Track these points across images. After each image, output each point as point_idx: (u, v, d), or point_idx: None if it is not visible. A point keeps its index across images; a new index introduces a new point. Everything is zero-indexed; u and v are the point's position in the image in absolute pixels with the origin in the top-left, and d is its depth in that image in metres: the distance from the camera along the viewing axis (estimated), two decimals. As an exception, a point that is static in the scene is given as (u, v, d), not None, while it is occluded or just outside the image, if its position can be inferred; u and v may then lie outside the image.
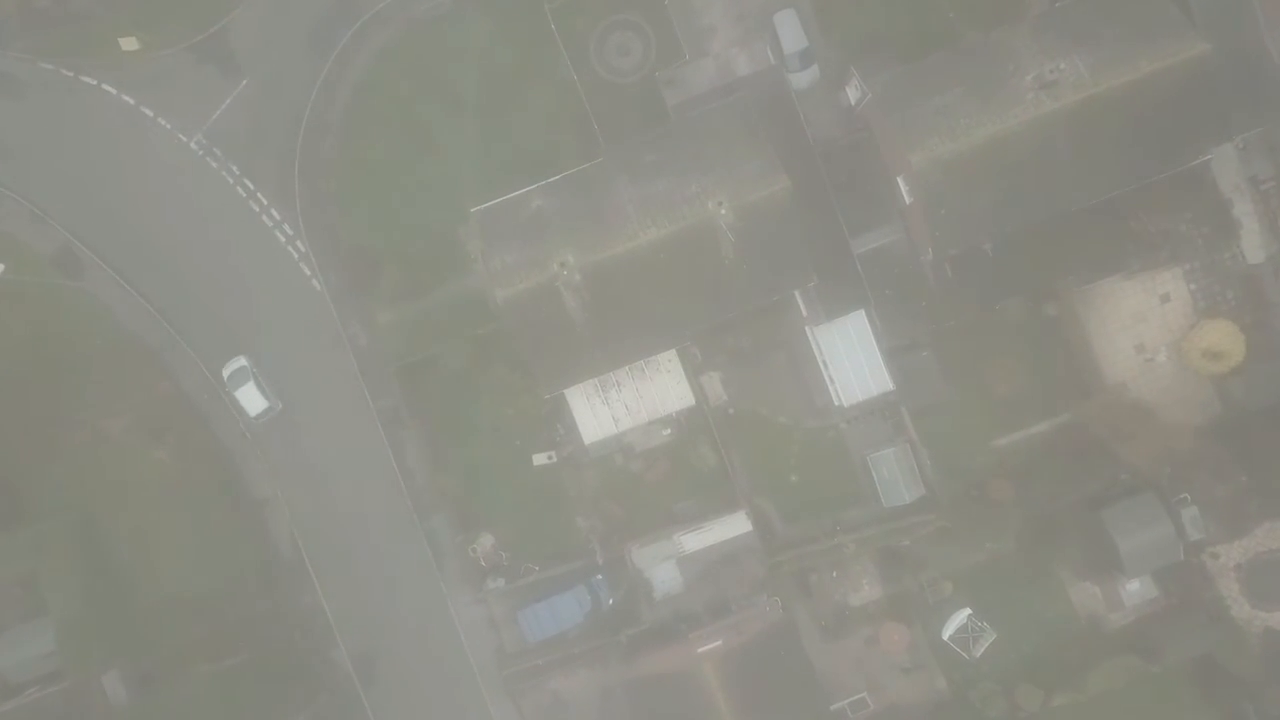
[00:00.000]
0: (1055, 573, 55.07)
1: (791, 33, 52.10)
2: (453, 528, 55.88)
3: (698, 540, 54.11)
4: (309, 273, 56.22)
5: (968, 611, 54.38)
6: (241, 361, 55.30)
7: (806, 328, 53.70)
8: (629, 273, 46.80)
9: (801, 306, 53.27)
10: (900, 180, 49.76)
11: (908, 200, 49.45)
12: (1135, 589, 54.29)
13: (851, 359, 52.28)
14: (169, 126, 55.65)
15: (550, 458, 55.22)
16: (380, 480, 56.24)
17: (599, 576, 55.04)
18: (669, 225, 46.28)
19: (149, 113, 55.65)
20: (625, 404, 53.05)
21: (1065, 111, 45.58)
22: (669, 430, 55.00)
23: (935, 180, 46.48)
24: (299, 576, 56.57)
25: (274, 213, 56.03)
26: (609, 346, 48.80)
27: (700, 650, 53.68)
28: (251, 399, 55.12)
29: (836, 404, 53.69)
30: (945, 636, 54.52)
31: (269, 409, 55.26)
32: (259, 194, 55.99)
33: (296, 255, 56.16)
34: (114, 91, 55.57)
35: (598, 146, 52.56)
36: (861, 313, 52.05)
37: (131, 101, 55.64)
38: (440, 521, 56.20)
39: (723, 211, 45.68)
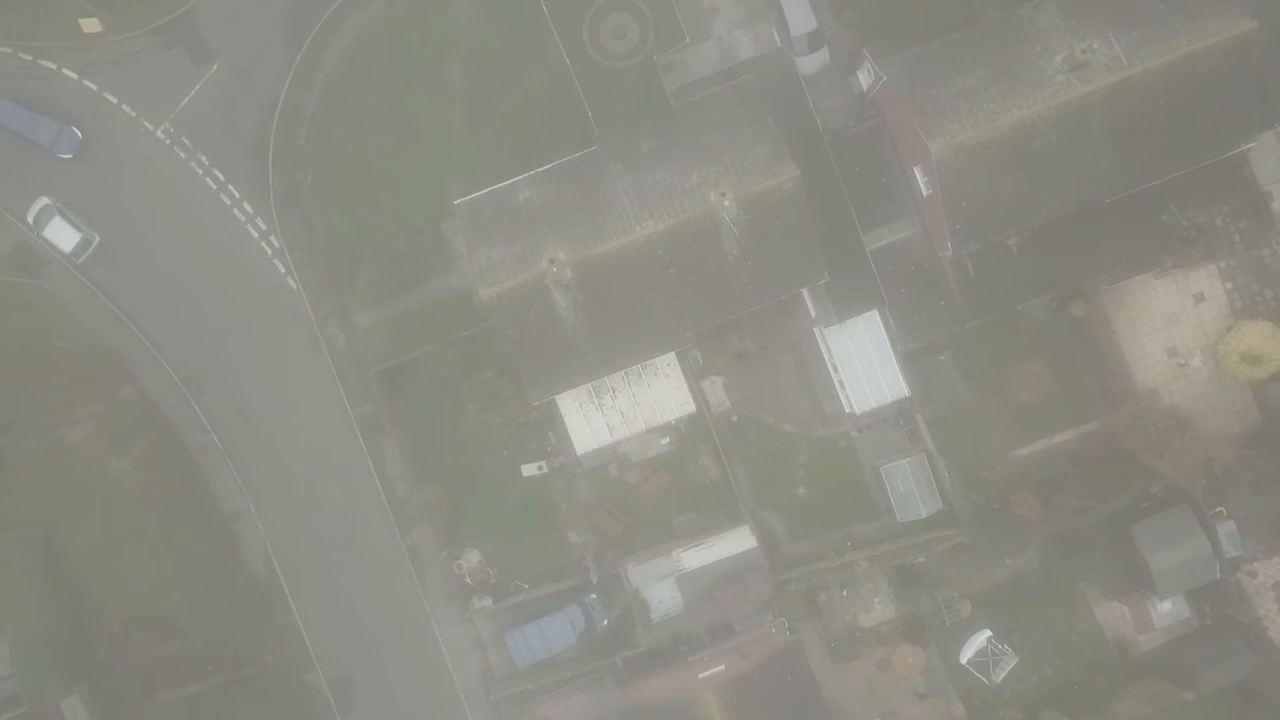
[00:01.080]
0: (1081, 592, 52.03)
1: (799, 13, 48.66)
2: (437, 543, 52.58)
3: (698, 557, 50.73)
4: (283, 270, 52.84)
5: (987, 633, 51.28)
6: (44, 200, 51.44)
7: (815, 329, 50.29)
8: (624, 270, 43.29)
9: (810, 306, 49.80)
10: (917, 171, 46.29)
11: (925, 192, 45.97)
12: (1167, 609, 51.06)
13: (864, 363, 48.85)
14: (134, 114, 52.12)
15: (540, 468, 51.85)
16: (359, 492, 52.95)
17: (593, 596, 51.70)
18: (667, 218, 42.76)
19: (112, 99, 52.13)
20: (621, 411, 49.52)
21: (1097, 95, 42.03)
22: (668, 439, 51.59)
23: (956, 170, 42.94)
24: (273, 594, 53.29)
25: (246, 206, 52.59)
26: (603, 349, 45.31)
27: (701, 676, 50.34)
28: (62, 235, 51.30)
29: (847, 411, 50.34)
30: (963, 660, 51.38)
31: (84, 241, 51.44)
32: (230, 186, 52.52)
33: (270, 251, 52.82)
34: (75, 77, 52.04)
35: (592, 135, 49.07)
36: (875, 313, 48.62)
37: (94, 87, 52.12)
38: (423, 536, 52.91)
39: (726, 203, 42.14)
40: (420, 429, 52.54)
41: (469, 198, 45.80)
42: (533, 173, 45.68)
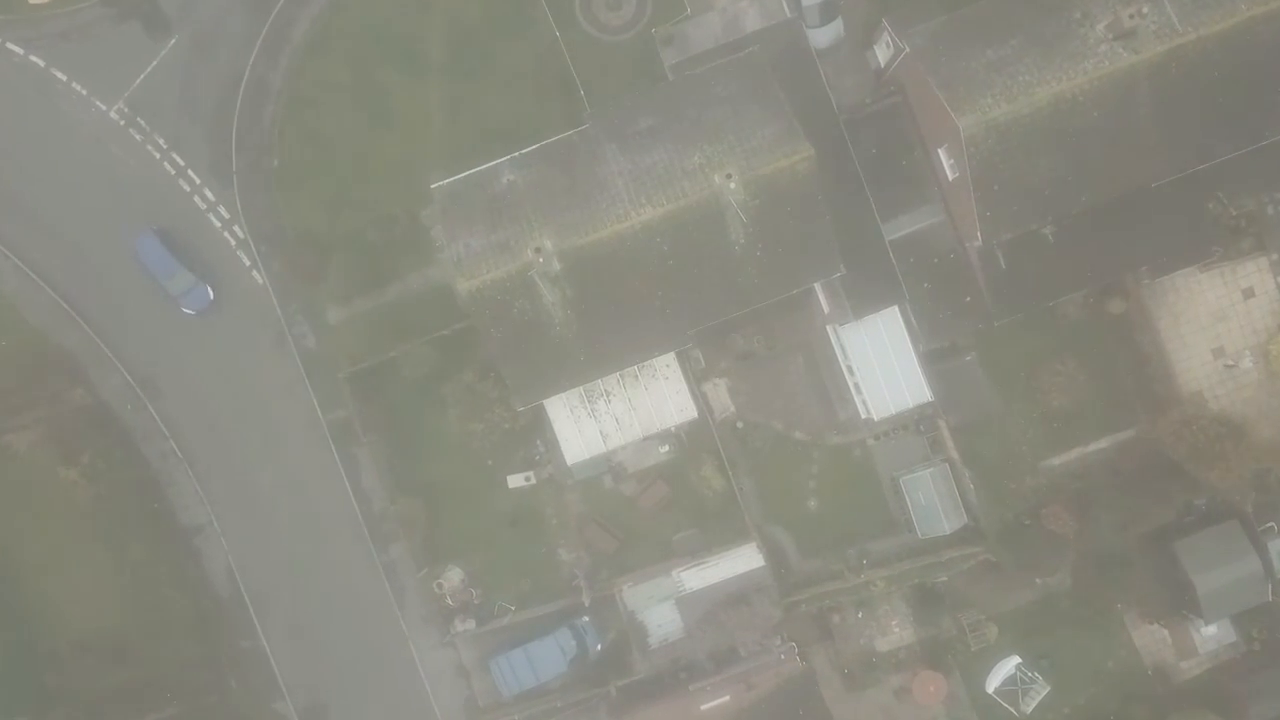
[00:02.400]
0: (1118, 615, 47.83)
1: (810, -19, 44.40)
2: (415, 560, 48.25)
3: (700, 577, 46.54)
4: (248, 262, 48.65)
5: (1016, 660, 47.20)
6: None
7: (829, 327, 46.02)
8: (618, 261, 38.98)
9: (823, 302, 45.49)
10: (942, 152, 42.02)
11: (951, 176, 41.70)
12: (1212, 634, 47.04)
13: (883, 364, 44.54)
14: (85, 92, 47.91)
15: (528, 479, 47.57)
16: (331, 505, 48.75)
17: (585, 619, 47.45)
18: (666, 203, 38.42)
19: (61, 76, 47.91)
20: (615, 417, 45.18)
21: (1145, 65, 37.70)
22: (667, 448, 47.33)
23: (987, 150, 38.63)
24: (237, 615, 49.13)
25: (208, 193, 48.37)
26: (595, 349, 40.98)
27: (704, 707, 46.05)
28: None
29: (864, 417, 46.07)
30: (989, 689, 47.26)
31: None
32: (190, 171, 48.30)
33: (234, 242, 48.63)
34: (20, 51, 47.81)
35: (583, 114, 44.76)
36: (895, 310, 44.30)
37: (41, 63, 47.90)
38: (400, 553, 48.66)
39: (732, 186, 37.80)
40: (397, 436, 48.37)
41: (446, 181, 41.47)
42: (517, 154, 41.31)
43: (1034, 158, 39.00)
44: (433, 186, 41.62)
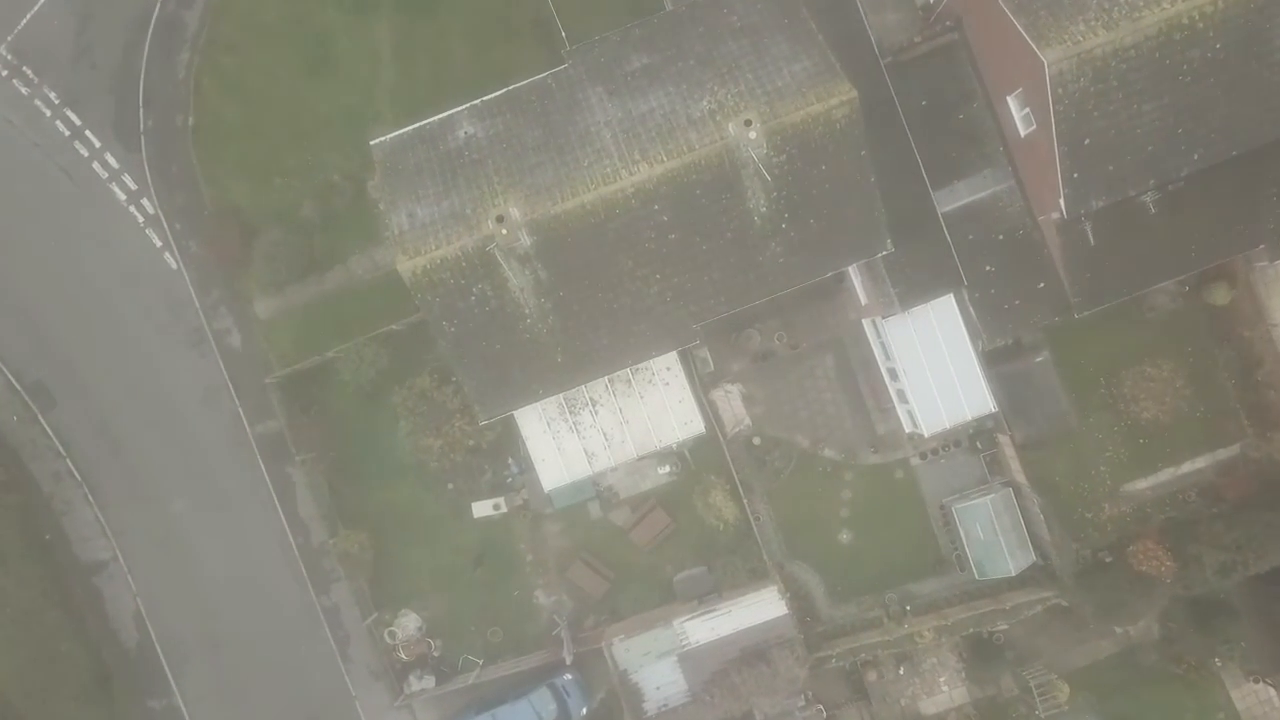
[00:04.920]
0: (1215, 671, 39.46)
1: (845, -106, 35.83)
2: (362, 604, 39.91)
3: (708, 627, 37.92)
4: (159, 243, 40.37)
5: (1092, 726, 38.75)
6: None
7: (866, 321, 37.59)
8: (605, 234, 30.47)
9: (860, 290, 37.03)
10: (1012, 100, 33.53)
11: (1024, 130, 33.20)
12: (1331, 694, 38.47)
13: (935, 366, 36.02)
14: (-42, 36, 39.73)
15: (497, 507, 39.14)
16: (261, 537, 40.48)
17: (567, 677, 38.99)
18: (667, 160, 29.87)
19: (-71, 16, 39.67)
20: (603, 432, 36.59)
21: (1285, -18, 29.16)
22: (667, 469, 38.89)
23: (1077, 92, 30.05)
24: (146, 670, 40.81)
25: (110, 158, 40.07)
26: (576, 348, 32.45)
27: (712, 789, 37.53)
28: None
29: (909, 432, 37.64)
30: (1060, 762, 38.67)
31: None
32: (88, 132, 40.07)
33: (142, 218, 40.36)
34: (-122, -14, 39.53)
35: (562, 53, 36.16)
36: (950, 298, 35.77)
37: (-96, 0, 39.64)
38: (344, 595, 40.27)
39: (752, 136, 29.23)
40: (339, 454, 39.99)
41: (388, 137, 32.84)
42: (479, 101, 32.70)
43: (1137, 102, 30.34)
44: (372, 144, 32.97)
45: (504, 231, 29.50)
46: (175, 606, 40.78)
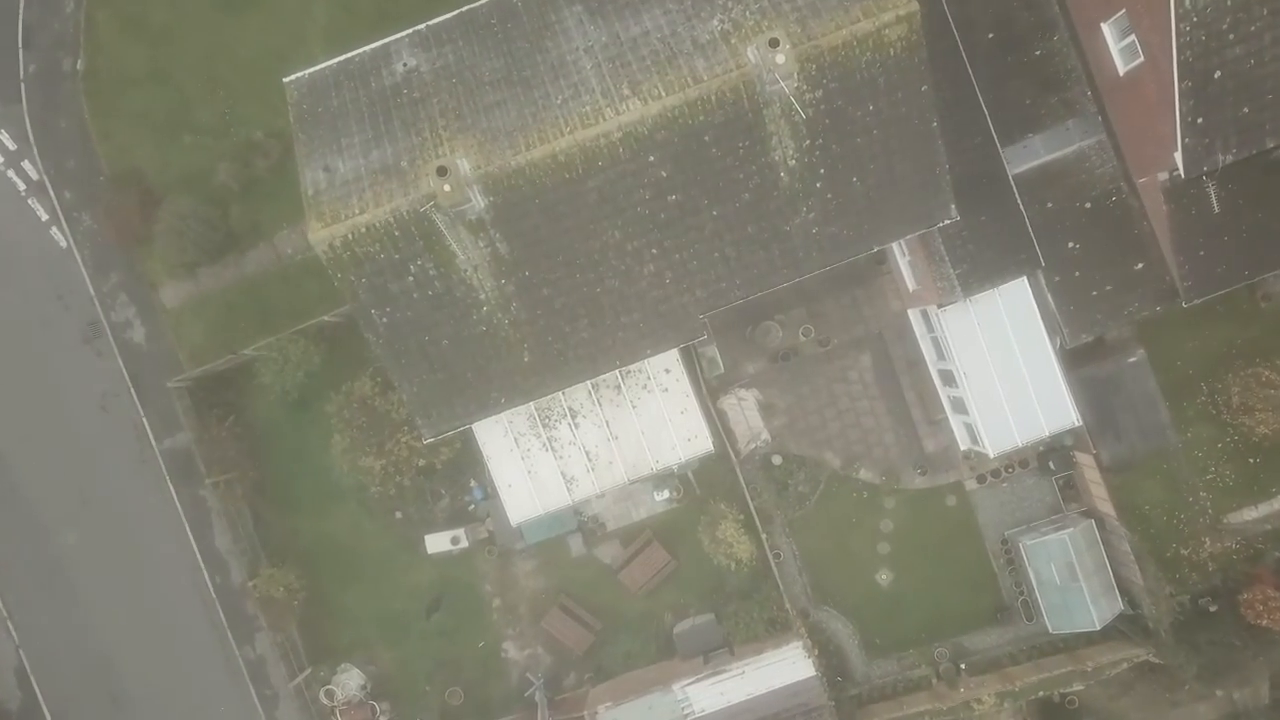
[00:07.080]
0: (1338, 741, 32.28)
1: None
2: (292, 657, 32.73)
3: (717, 692, 30.63)
4: (45, 216, 33.32)
5: (1189, 812, 31.51)
6: None
7: (913, 311, 30.33)
8: (584, 194, 23.10)
9: (906, 273, 29.71)
10: (1106, 29, 26.28)
11: (1123, 66, 25.98)
12: None
13: (1002, 368, 28.64)
14: None
15: (456, 541, 31.88)
16: (171, 575, 33.53)
17: (542, 750, 31.70)
18: (666, 95, 22.48)
19: None
20: (586, 451, 29.16)
21: None
22: (666, 494, 31.64)
23: (1209, 6, 22.70)
24: (32, 736, 33.71)
25: (-16, 113, 32.93)
26: (548, 344, 25.11)
27: None
28: None
29: (966, 450, 30.37)
30: None
31: None
32: (-46, 80, 32.92)
33: (24, 185, 33.41)
34: None
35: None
36: (1023, 282, 28.40)
37: None
38: (270, 647, 33.04)
39: (779, 62, 21.81)
40: (262, 475, 32.87)
41: (305, 72, 25.48)
42: (423, 25, 25.36)
43: (1284, 25, 23.14)
44: (285, 81, 25.61)
45: (447, 188, 22.08)
46: (66, 659, 33.77)
